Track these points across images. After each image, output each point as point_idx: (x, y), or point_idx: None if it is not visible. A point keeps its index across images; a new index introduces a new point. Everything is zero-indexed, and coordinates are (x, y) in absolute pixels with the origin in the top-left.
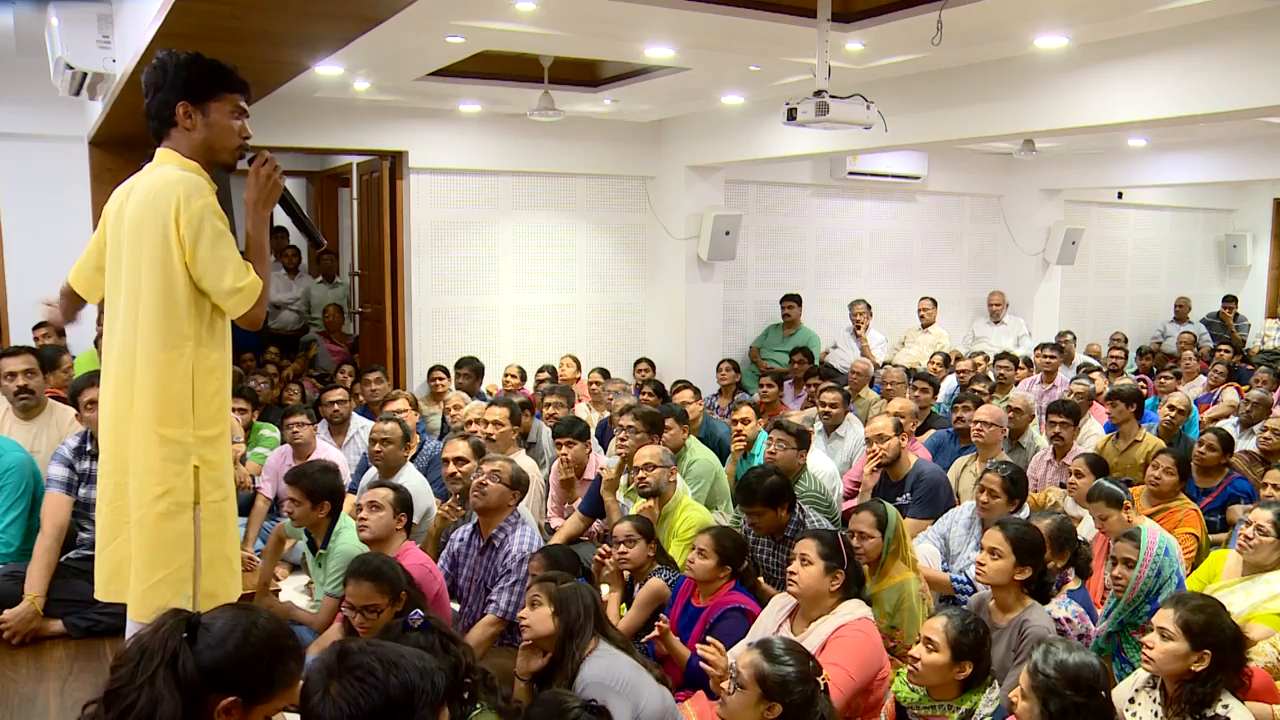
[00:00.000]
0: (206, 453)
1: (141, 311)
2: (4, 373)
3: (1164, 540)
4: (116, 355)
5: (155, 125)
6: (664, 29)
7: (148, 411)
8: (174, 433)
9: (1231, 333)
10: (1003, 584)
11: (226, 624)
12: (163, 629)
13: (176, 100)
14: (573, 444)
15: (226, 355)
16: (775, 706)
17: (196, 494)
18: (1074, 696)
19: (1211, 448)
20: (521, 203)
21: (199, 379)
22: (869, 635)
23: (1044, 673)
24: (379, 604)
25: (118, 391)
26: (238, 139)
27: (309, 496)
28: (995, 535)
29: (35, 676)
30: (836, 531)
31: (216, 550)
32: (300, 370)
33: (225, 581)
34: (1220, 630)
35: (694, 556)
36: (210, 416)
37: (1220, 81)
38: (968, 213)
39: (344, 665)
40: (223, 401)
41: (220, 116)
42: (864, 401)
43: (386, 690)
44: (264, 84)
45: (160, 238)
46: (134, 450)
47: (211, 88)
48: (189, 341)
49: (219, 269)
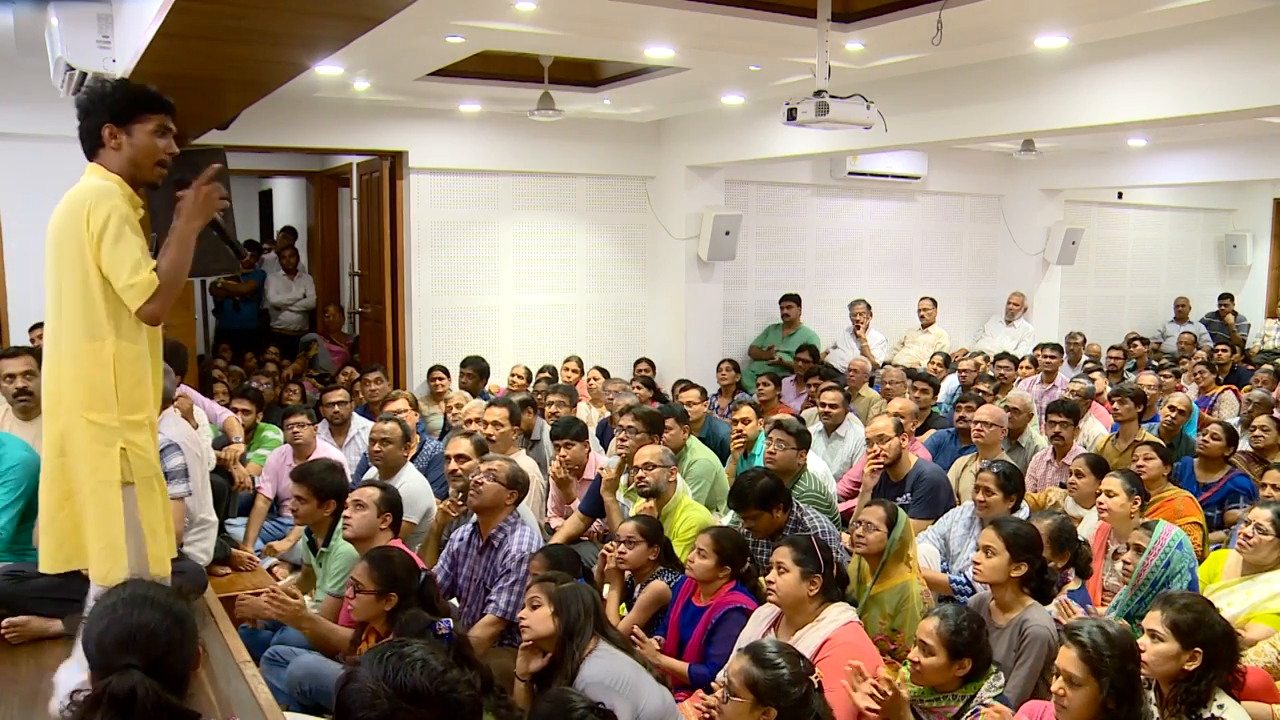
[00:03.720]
0: (132, 435)
1: (65, 308)
2: (3, 374)
3: (1178, 535)
4: (49, 349)
5: (87, 147)
6: (664, 29)
7: (76, 398)
8: (100, 417)
9: (1231, 333)
10: (999, 582)
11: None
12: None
13: (103, 123)
14: (570, 444)
15: (147, 348)
16: (771, 711)
17: (125, 473)
18: (1135, 667)
19: (1215, 437)
20: (521, 203)
21: (121, 368)
22: (857, 644)
23: (1106, 653)
24: (364, 588)
25: (52, 381)
26: (159, 156)
27: (315, 495)
28: (989, 533)
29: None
30: (811, 536)
31: (157, 517)
32: (300, 370)
33: (169, 542)
34: (1210, 627)
35: (693, 556)
36: (134, 403)
37: (1220, 81)
38: (968, 213)
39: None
40: (145, 390)
41: (143, 136)
42: (864, 400)
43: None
44: (264, 84)
45: (75, 239)
46: (68, 434)
47: (134, 110)
48: (110, 334)
49: (118, 265)
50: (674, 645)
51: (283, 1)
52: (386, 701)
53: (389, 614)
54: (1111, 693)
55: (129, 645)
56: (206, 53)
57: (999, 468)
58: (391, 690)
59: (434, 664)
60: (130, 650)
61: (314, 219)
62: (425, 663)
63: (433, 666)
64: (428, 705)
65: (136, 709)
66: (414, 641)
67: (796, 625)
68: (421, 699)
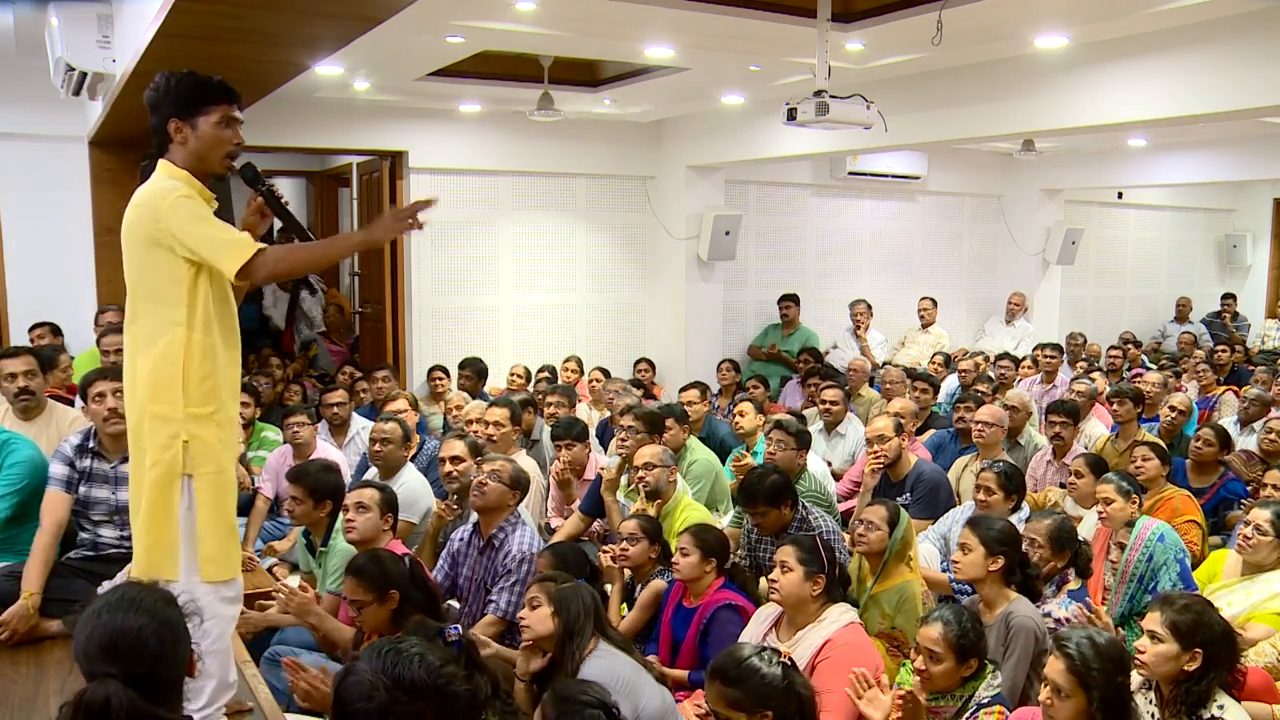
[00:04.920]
0: (195, 429)
1: (137, 304)
2: (4, 374)
3: (1159, 528)
4: (127, 346)
5: (157, 142)
6: (664, 29)
7: (143, 393)
8: (163, 410)
9: (1231, 333)
10: (979, 578)
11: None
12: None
13: (169, 117)
14: (571, 445)
15: (219, 341)
16: (767, 714)
17: (186, 466)
18: (1124, 679)
19: (1208, 442)
20: (521, 203)
21: (189, 361)
22: (857, 644)
23: (1094, 665)
24: (363, 599)
25: (127, 380)
26: (227, 147)
27: (311, 495)
28: (965, 532)
29: (35, 676)
30: (815, 536)
31: (213, 517)
32: (300, 370)
33: (225, 547)
34: (1209, 628)
35: (677, 558)
36: (202, 396)
37: (1220, 81)
38: (968, 213)
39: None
40: (215, 384)
41: (209, 128)
42: (864, 400)
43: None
44: (264, 84)
45: (145, 236)
46: (137, 429)
47: (198, 102)
48: (179, 327)
49: (211, 238)
50: (667, 648)
51: (282, 1)
52: (384, 693)
53: (393, 615)
54: (1100, 705)
55: (111, 651)
56: (206, 53)
57: (1000, 467)
58: (390, 682)
59: (431, 658)
60: (112, 656)
61: (314, 219)
62: (423, 657)
63: (430, 661)
64: (424, 698)
65: (111, 719)
66: (412, 637)
67: (798, 625)
68: (418, 692)
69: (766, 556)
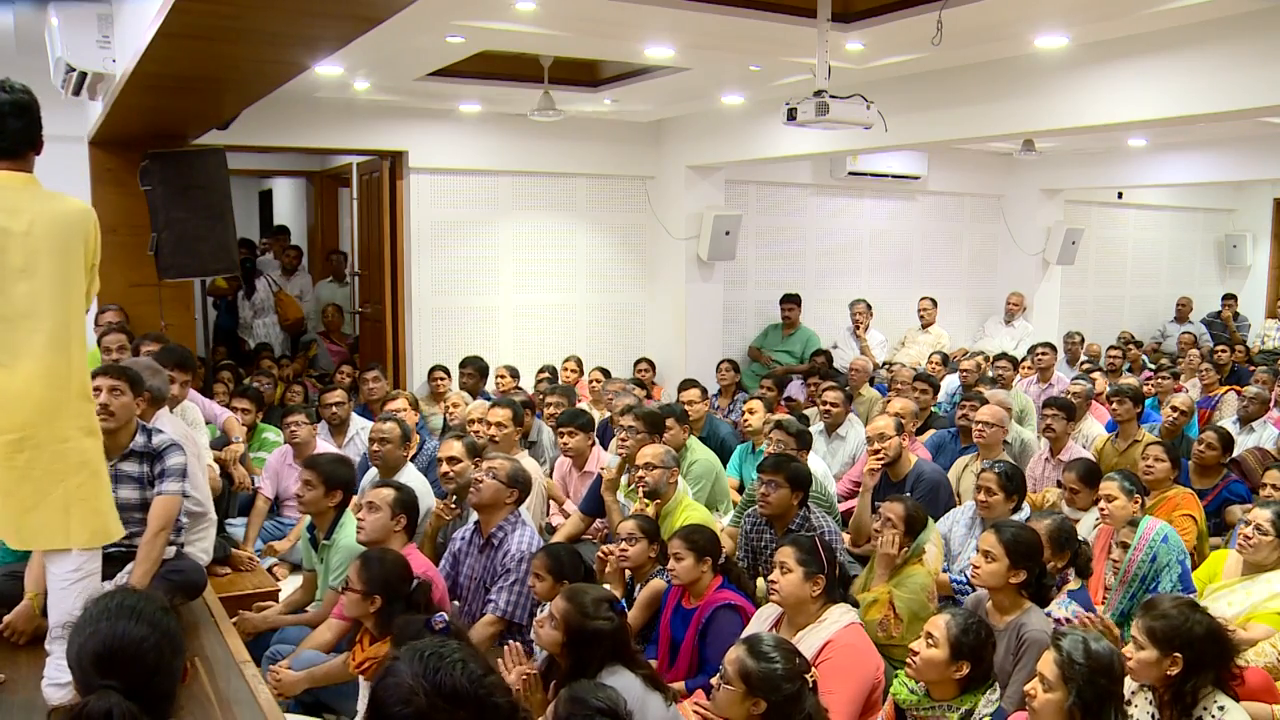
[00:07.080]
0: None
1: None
2: None
3: (1163, 529)
4: (44, 344)
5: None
6: (664, 29)
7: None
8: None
9: (1231, 333)
10: (997, 586)
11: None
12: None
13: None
14: (574, 434)
15: None
16: (760, 703)
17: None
18: (1107, 684)
19: (1211, 446)
20: (521, 203)
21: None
22: (858, 646)
23: (1079, 662)
24: (355, 585)
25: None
26: None
27: (324, 482)
28: (989, 538)
29: (35, 676)
30: (814, 536)
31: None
32: (300, 370)
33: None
34: (1187, 631)
35: (672, 563)
36: None
37: (1220, 81)
38: (968, 213)
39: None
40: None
41: None
42: (864, 400)
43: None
44: (264, 84)
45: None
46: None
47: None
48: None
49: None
50: (666, 650)
51: (282, 1)
52: (424, 698)
53: (378, 615)
54: (1078, 702)
55: (111, 662)
56: (206, 53)
57: (1001, 468)
58: (430, 688)
59: (473, 666)
60: (112, 667)
61: (314, 219)
62: (465, 664)
63: (472, 669)
64: (465, 707)
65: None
66: (453, 642)
67: (798, 626)
68: (459, 700)
69: (768, 553)
